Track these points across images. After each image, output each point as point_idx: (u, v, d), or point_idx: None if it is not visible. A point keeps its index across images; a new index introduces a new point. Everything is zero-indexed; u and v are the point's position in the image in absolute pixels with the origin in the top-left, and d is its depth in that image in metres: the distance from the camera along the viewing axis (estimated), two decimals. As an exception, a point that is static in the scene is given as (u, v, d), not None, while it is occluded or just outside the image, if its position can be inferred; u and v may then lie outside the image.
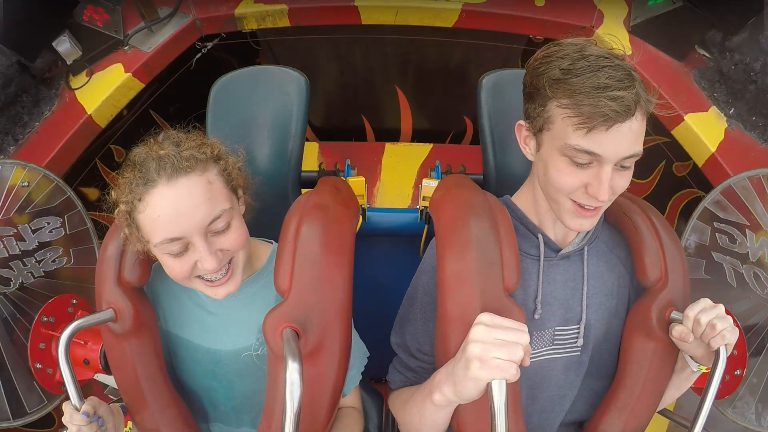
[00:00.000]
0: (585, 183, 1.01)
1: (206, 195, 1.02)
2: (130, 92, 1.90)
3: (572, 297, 1.17)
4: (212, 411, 1.30)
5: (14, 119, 1.76)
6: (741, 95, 1.78)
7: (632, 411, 1.15)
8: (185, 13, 1.93)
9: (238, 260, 1.10)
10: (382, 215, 1.90)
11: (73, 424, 1.07)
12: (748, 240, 1.54)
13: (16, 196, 1.55)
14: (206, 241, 1.03)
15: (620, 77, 0.94)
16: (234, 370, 1.21)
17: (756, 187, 1.53)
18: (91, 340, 1.47)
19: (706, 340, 1.02)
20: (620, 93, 0.93)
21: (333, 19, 1.97)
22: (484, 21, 1.89)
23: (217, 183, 1.05)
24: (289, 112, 1.46)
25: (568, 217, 1.06)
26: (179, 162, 1.01)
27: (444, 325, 1.01)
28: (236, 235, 1.07)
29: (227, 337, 1.21)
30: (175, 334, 1.25)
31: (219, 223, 1.03)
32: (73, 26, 1.78)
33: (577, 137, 0.97)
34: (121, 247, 1.17)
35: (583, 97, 0.94)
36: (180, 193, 1.00)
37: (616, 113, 0.93)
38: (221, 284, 1.09)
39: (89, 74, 1.85)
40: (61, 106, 1.82)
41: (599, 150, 0.96)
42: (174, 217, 0.99)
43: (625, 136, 0.96)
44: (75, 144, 1.82)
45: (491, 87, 1.43)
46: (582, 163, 0.99)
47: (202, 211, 1.01)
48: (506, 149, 1.41)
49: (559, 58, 0.99)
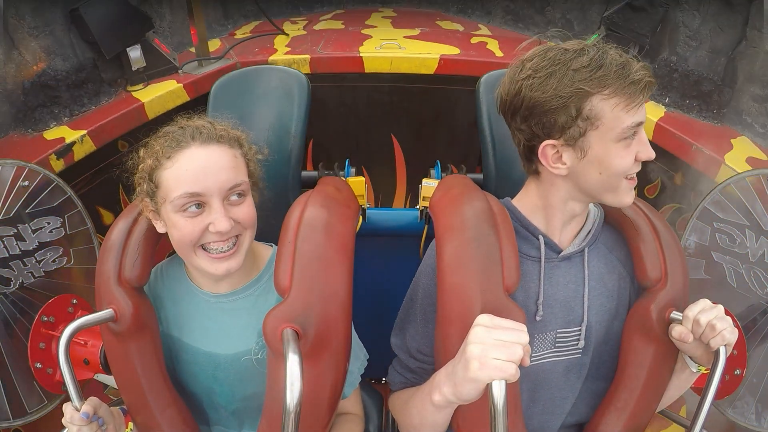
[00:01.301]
0: (635, 153, 1.04)
1: (232, 163, 1.10)
2: (177, 99, 2.22)
3: (573, 299, 1.17)
4: (213, 414, 1.30)
5: (75, 98, 2.06)
6: (670, 86, 2.11)
7: (632, 411, 1.15)
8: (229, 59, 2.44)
9: (245, 239, 1.13)
10: (382, 215, 1.91)
11: (74, 425, 1.07)
12: (748, 240, 1.54)
13: (17, 196, 1.56)
14: (222, 206, 1.07)
15: (621, 52, 1.02)
16: (234, 374, 1.21)
17: (756, 187, 1.53)
18: (91, 340, 1.47)
19: (706, 340, 1.02)
20: (633, 66, 1.00)
21: (343, 67, 2.41)
22: (458, 67, 2.37)
23: (240, 159, 1.13)
24: (290, 112, 1.46)
25: (625, 195, 1.08)
26: (214, 132, 1.10)
27: (444, 326, 1.01)
28: (249, 209, 1.13)
29: (227, 341, 1.21)
30: (175, 337, 1.25)
31: (237, 191, 1.10)
32: (144, 44, 2.20)
33: (631, 116, 1.01)
34: (122, 247, 1.17)
35: (620, 82, 0.99)
36: (210, 155, 1.08)
37: (650, 77, 1.01)
38: (225, 258, 1.10)
39: (146, 85, 2.23)
40: (117, 100, 2.15)
41: (642, 117, 1.03)
42: (201, 174, 1.06)
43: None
44: (122, 122, 2.04)
45: (491, 87, 1.43)
46: (628, 136, 1.03)
47: (227, 175, 1.08)
48: (506, 149, 1.42)
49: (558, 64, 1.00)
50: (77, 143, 1.87)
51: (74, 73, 2.05)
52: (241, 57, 2.45)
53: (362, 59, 2.41)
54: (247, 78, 1.51)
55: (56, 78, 1.99)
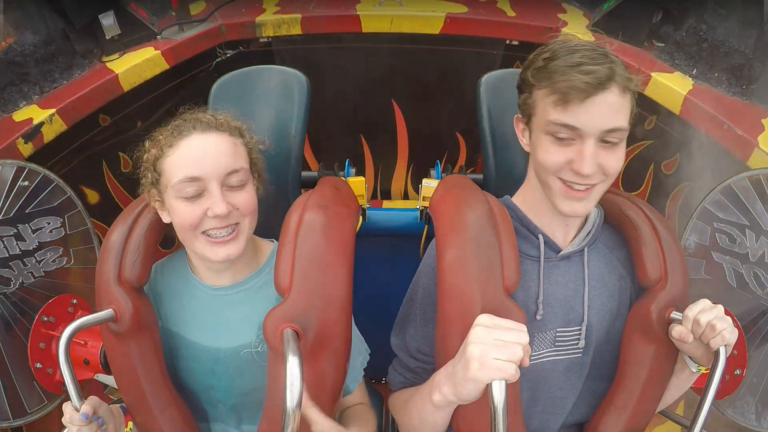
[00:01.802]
0: (569, 159, 1.03)
1: (231, 149, 1.12)
2: (155, 68, 2.05)
3: (573, 298, 1.17)
4: (212, 410, 1.30)
5: (46, 74, 1.91)
6: (699, 56, 1.95)
7: (632, 411, 1.15)
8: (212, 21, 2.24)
9: (245, 225, 1.14)
10: (382, 215, 1.91)
11: (73, 425, 1.07)
12: (748, 240, 1.54)
13: (17, 196, 1.55)
14: (221, 189, 1.09)
15: (594, 56, 1.00)
16: (234, 368, 1.22)
17: (756, 187, 1.53)
18: (91, 340, 1.47)
19: (706, 340, 1.02)
20: (593, 67, 0.98)
21: (338, 27, 2.21)
22: (466, 27, 2.18)
23: (241, 148, 1.16)
24: (290, 112, 1.46)
25: (559, 200, 1.08)
26: (214, 121, 1.14)
27: (444, 326, 1.01)
28: (248, 196, 1.14)
29: (227, 335, 1.22)
30: (175, 332, 1.25)
31: (236, 177, 1.11)
32: (119, 10, 2.02)
33: (557, 113, 1.02)
34: (121, 247, 1.17)
35: (558, 75, 1.00)
36: (209, 141, 1.11)
37: (588, 85, 0.98)
38: (224, 242, 1.12)
39: (122, 55, 2.05)
40: (90, 72, 1.97)
41: (576, 122, 1.00)
42: (200, 158, 1.09)
43: (601, 109, 0.99)
44: (94, 97, 1.91)
45: (491, 87, 1.43)
46: (563, 137, 1.03)
47: (225, 160, 1.10)
48: (506, 149, 1.41)
49: (544, 51, 1.06)
50: (46, 123, 1.75)
51: (43, 46, 1.88)
52: (225, 19, 2.25)
53: (359, 18, 2.22)
54: (247, 78, 1.51)
55: (24, 53, 1.84)
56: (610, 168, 1.04)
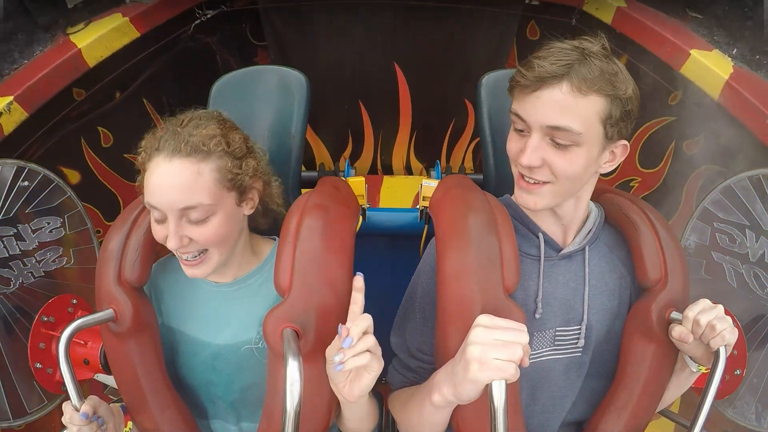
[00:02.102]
0: (521, 149, 1.05)
1: (188, 183, 1.06)
2: (124, 38, 1.86)
3: (573, 297, 1.17)
4: (211, 407, 1.30)
5: (4, 56, 1.75)
6: (740, 34, 1.81)
7: (632, 411, 1.15)
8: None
9: (212, 256, 1.13)
10: (382, 215, 1.90)
11: (73, 425, 1.07)
12: (748, 240, 1.54)
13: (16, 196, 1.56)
14: (177, 223, 1.07)
15: (560, 55, 0.99)
16: (234, 364, 1.22)
17: (756, 187, 1.53)
18: (91, 340, 1.48)
19: (706, 340, 1.02)
20: (543, 63, 0.98)
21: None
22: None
23: (207, 177, 1.08)
24: (290, 112, 1.46)
25: (516, 189, 1.11)
26: (183, 143, 1.07)
27: (444, 325, 1.01)
28: (209, 231, 1.09)
29: (228, 331, 1.22)
30: (176, 329, 1.25)
31: (193, 213, 1.07)
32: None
33: (514, 102, 1.06)
34: (121, 247, 1.17)
35: (520, 68, 1.02)
36: (169, 171, 1.06)
37: (535, 78, 0.99)
38: (188, 265, 1.13)
39: (87, 24, 1.84)
40: (53, 47, 1.78)
41: (522, 113, 1.03)
42: (157, 188, 1.07)
43: (546, 104, 0.99)
44: (57, 76, 1.76)
45: (491, 87, 1.43)
46: (518, 129, 1.06)
47: (177, 196, 1.06)
48: (506, 149, 1.41)
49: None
50: (4, 113, 1.61)
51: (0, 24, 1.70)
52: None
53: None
54: (247, 78, 1.51)
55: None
56: (556, 168, 1.03)
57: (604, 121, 1.01)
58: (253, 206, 1.19)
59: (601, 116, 1.00)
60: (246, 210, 1.18)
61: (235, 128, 1.18)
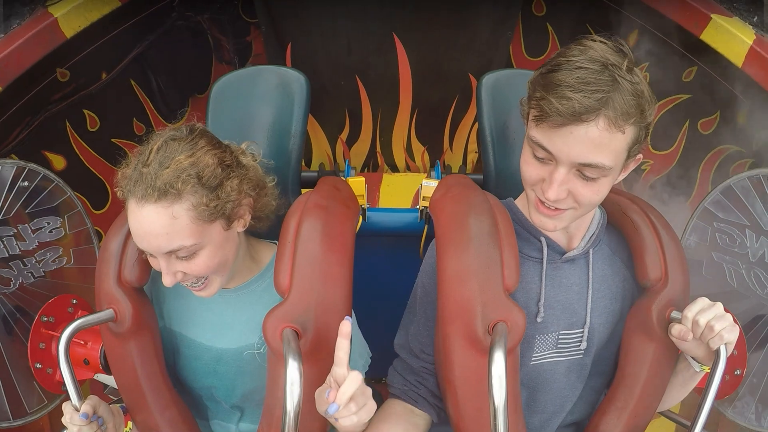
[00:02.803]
0: (541, 178, 1.00)
1: (165, 229, 1.01)
2: (104, 7, 1.75)
3: (577, 301, 1.16)
4: (213, 408, 1.30)
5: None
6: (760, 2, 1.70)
7: (632, 411, 1.15)
8: None
9: (213, 280, 1.13)
10: (383, 215, 1.90)
11: (74, 425, 1.07)
12: (748, 240, 1.54)
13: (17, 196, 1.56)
14: (167, 262, 1.06)
15: (591, 80, 0.90)
16: (236, 368, 1.22)
17: (756, 187, 1.53)
18: (91, 340, 1.48)
19: (705, 340, 1.02)
20: (576, 95, 0.89)
21: None
22: None
23: (183, 218, 1.02)
24: (290, 112, 1.46)
25: (532, 210, 1.07)
26: (151, 188, 1.00)
27: (444, 326, 1.01)
28: (200, 266, 1.07)
29: (230, 335, 1.22)
30: (177, 332, 1.25)
31: (180, 253, 1.05)
32: None
33: (536, 131, 0.97)
34: (121, 247, 1.17)
35: (546, 91, 0.93)
36: (144, 218, 1.01)
37: (570, 114, 0.90)
38: (195, 290, 1.13)
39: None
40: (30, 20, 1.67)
41: (549, 147, 0.95)
42: (137, 236, 1.05)
43: (579, 141, 0.92)
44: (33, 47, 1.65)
45: (491, 87, 1.43)
46: (539, 157, 0.99)
47: (159, 243, 1.03)
48: (506, 149, 1.41)
49: (557, 56, 0.98)
50: None
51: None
52: None
53: None
54: (247, 78, 1.51)
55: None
56: (582, 199, 0.99)
57: (630, 148, 0.97)
58: (245, 223, 1.14)
59: (630, 144, 0.97)
60: (239, 228, 1.13)
61: (209, 148, 1.07)
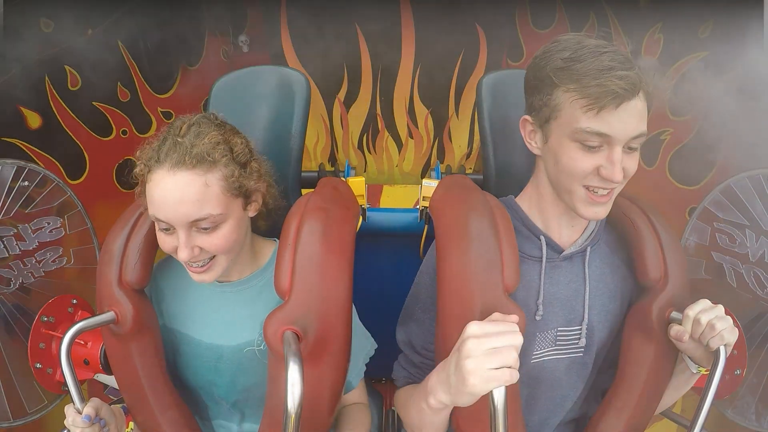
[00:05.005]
0: (597, 166, 1.02)
1: (197, 196, 1.04)
2: None
3: (575, 298, 1.17)
4: (213, 407, 1.30)
5: None
6: None
7: (632, 411, 1.15)
8: None
9: (220, 261, 1.12)
10: (383, 215, 1.90)
11: (77, 426, 1.07)
12: (748, 240, 1.54)
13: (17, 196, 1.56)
14: (187, 234, 1.07)
15: (622, 59, 0.98)
16: (236, 365, 1.22)
17: (756, 187, 1.53)
18: (91, 341, 1.48)
19: (705, 340, 1.02)
20: (625, 72, 0.96)
21: None
22: None
23: (215, 187, 1.06)
24: (290, 112, 1.46)
25: (582, 206, 1.06)
26: (187, 155, 1.04)
27: (444, 326, 1.01)
28: (220, 240, 1.09)
29: (230, 332, 1.22)
30: (177, 330, 1.25)
31: (203, 223, 1.06)
32: None
33: (588, 119, 0.99)
34: (122, 249, 1.17)
35: (589, 79, 0.97)
36: (175, 185, 1.04)
37: (624, 90, 0.96)
38: (197, 272, 1.12)
39: None
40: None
41: (609, 130, 0.98)
42: (164, 204, 1.05)
43: (632, 115, 0.98)
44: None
45: (491, 87, 1.43)
46: (593, 146, 1.01)
47: (188, 209, 1.04)
48: (507, 149, 1.41)
49: (559, 50, 1.02)
50: None
51: None
52: None
53: None
54: (247, 78, 1.51)
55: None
56: (631, 171, 1.03)
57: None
58: (257, 208, 1.18)
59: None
60: (250, 212, 1.17)
61: (235, 132, 1.16)
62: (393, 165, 2.67)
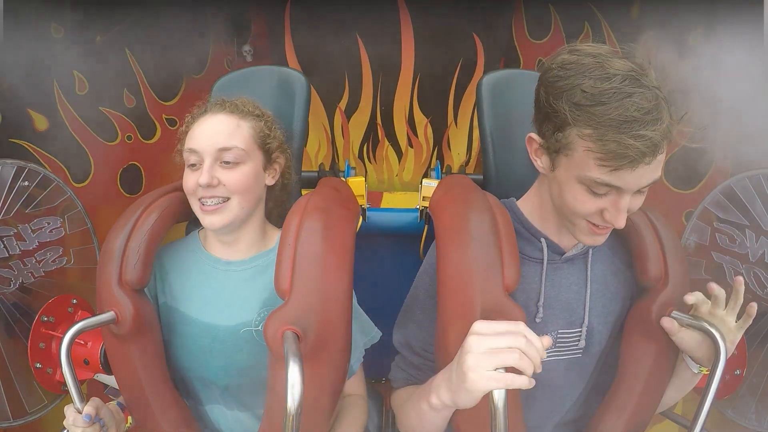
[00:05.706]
0: (601, 209, 0.99)
1: (228, 130, 1.21)
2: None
3: (575, 300, 1.17)
4: (205, 391, 1.29)
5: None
6: None
7: (632, 411, 1.15)
8: None
9: (232, 206, 1.20)
10: (383, 215, 1.90)
11: (77, 426, 1.07)
12: (748, 240, 1.54)
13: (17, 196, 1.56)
14: (212, 164, 1.18)
15: (649, 108, 0.89)
16: (232, 346, 1.22)
17: (756, 187, 1.53)
18: (91, 341, 1.48)
19: (704, 314, 1.06)
20: (647, 132, 0.88)
21: None
22: None
23: (244, 129, 1.23)
24: (290, 112, 1.46)
25: (582, 235, 1.06)
26: (228, 103, 1.26)
27: (444, 326, 1.01)
28: (238, 176, 1.19)
29: (228, 312, 1.23)
30: (175, 308, 1.25)
31: (227, 155, 1.19)
32: None
33: (600, 172, 0.93)
34: (122, 249, 1.17)
35: (607, 131, 0.89)
36: (213, 120, 1.22)
37: (642, 154, 0.89)
38: (211, 211, 1.19)
39: None
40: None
41: (622, 184, 0.94)
42: (199, 136, 1.21)
43: (649, 170, 0.93)
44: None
45: (491, 87, 1.43)
46: (599, 193, 0.97)
47: (217, 138, 1.19)
48: (507, 150, 1.41)
49: (580, 74, 0.93)
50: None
51: None
52: None
53: None
54: (247, 78, 1.51)
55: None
56: (635, 209, 1.01)
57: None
58: (275, 177, 1.29)
59: None
60: (268, 180, 1.27)
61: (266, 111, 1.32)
62: (393, 174, 2.71)
